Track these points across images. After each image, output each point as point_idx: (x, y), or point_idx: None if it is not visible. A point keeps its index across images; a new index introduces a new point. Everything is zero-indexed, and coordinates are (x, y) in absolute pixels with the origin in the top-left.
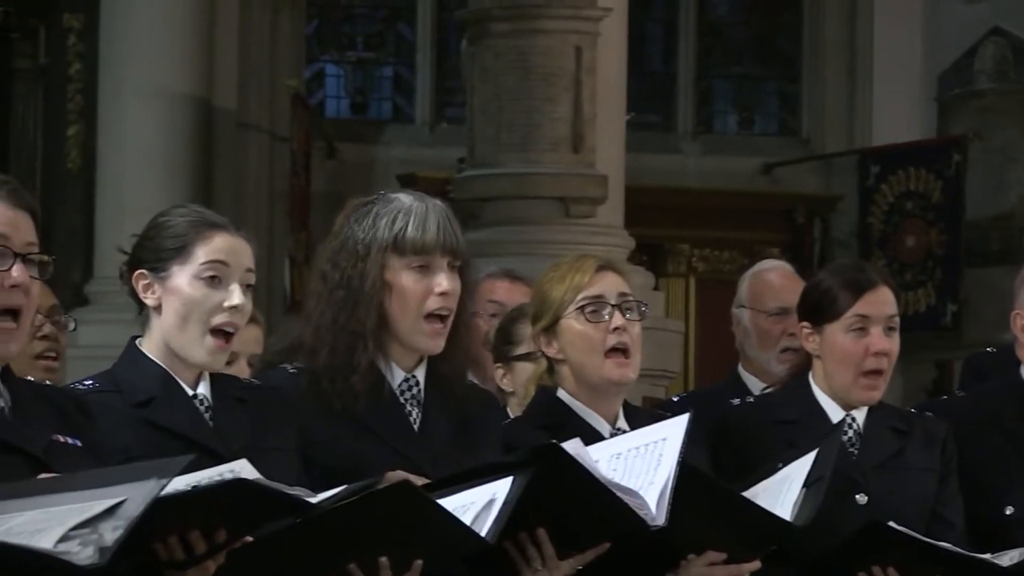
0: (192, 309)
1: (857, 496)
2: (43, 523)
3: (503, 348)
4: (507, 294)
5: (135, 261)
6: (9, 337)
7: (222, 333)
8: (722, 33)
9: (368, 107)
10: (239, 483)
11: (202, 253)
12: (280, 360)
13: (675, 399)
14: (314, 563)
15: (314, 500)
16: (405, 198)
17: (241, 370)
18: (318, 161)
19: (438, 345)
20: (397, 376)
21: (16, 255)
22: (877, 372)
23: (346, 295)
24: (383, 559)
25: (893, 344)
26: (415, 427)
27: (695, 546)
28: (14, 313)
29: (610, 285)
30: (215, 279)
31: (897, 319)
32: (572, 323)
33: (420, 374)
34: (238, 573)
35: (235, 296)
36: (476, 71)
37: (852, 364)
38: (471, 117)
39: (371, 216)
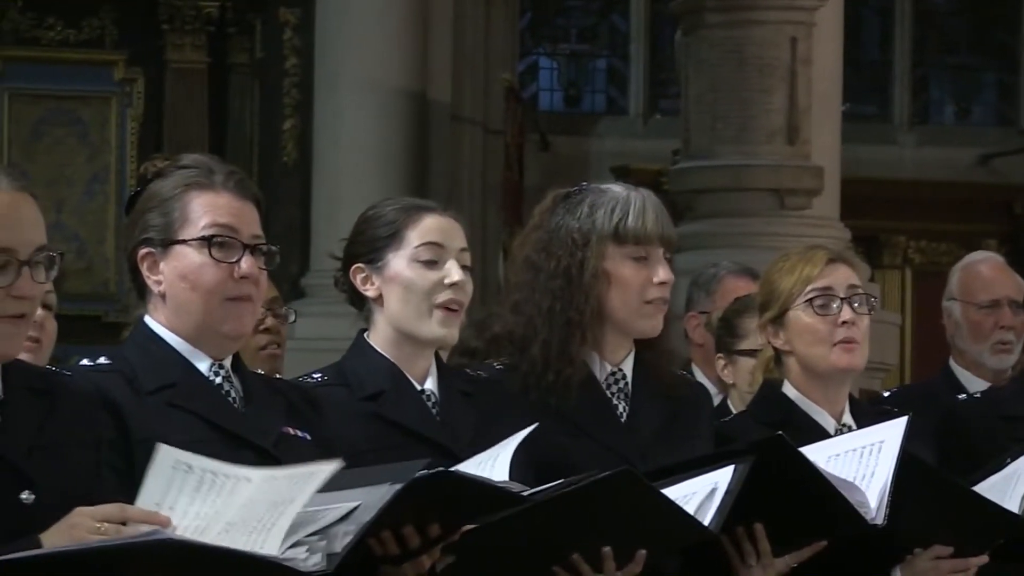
0: (414, 291)
1: None
2: (268, 508)
3: (726, 340)
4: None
5: (350, 257)
6: (241, 312)
7: (447, 309)
8: (938, 22)
9: (581, 100)
10: (448, 476)
11: (415, 236)
12: (482, 353)
13: (886, 395)
14: (538, 553)
15: (527, 493)
16: (618, 188)
17: None
18: (531, 154)
19: (657, 327)
20: (604, 370)
21: (245, 246)
22: None
23: (562, 284)
24: (606, 549)
25: None
26: (622, 421)
27: (921, 541)
28: (245, 300)
29: (840, 277)
30: (431, 260)
31: None
32: (800, 315)
33: (627, 367)
34: (463, 562)
35: (454, 273)
36: (690, 62)
37: None
38: (685, 109)
39: (585, 205)
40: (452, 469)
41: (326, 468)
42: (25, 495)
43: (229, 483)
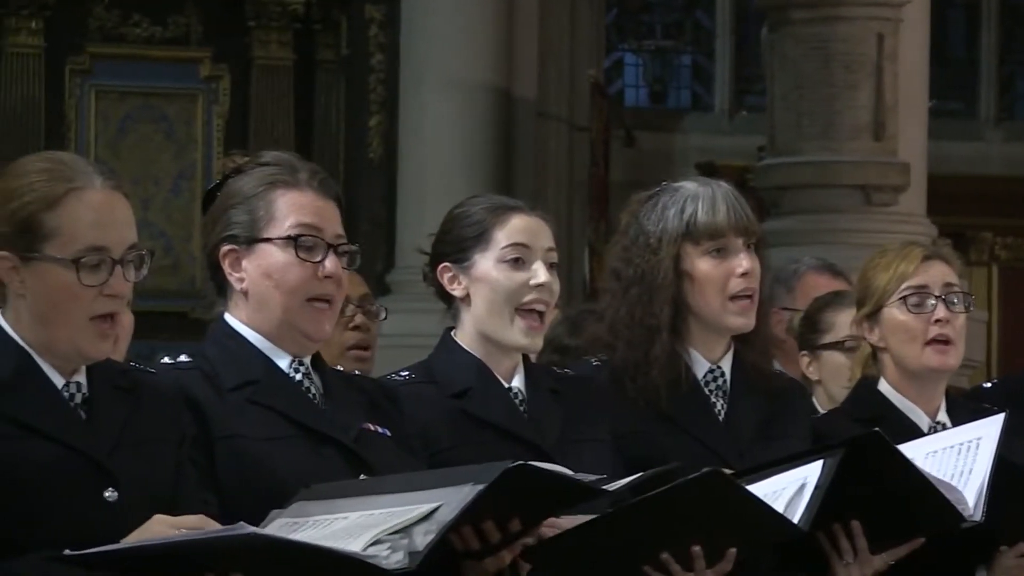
0: (500, 293)
1: None
2: (362, 528)
3: (810, 336)
4: (830, 290)
5: (437, 256)
6: (323, 317)
7: (534, 313)
8: None
9: (667, 96)
10: (526, 470)
11: (502, 236)
12: (576, 350)
13: (987, 385)
14: (627, 553)
15: (610, 488)
16: (690, 185)
17: None
18: (617, 150)
19: (750, 322)
20: (701, 367)
21: (329, 246)
22: None
23: (640, 290)
24: (696, 548)
25: None
26: (720, 419)
27: (1007, 539)
28: (326, 302)
29: (936, 275)
30: (518, 261)
31: None
32: (895, 312)
33: (725, 365)
34: (552, 564)
35: (540, 274)
36: (776, 59)
37: None
38: (771, 105)
39: (659, 208)
40: (533, 463)
41: (424, 507)
42: (109, 493)
43: (324, 520)
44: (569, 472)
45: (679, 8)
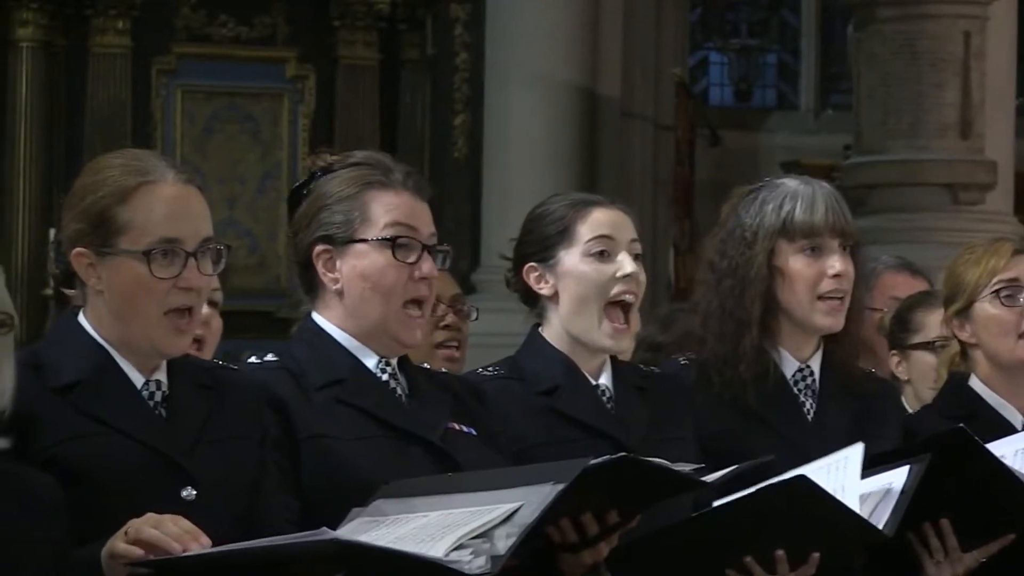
0: (588, 287)
1: None
2: (440, 528)
3: (899, 336)
4: (908, 289)
5: (522, 257)
6: (416, 324)
7: (620, 312)
8: None
9: (752, 94)
10: (627, 461)
11: (585, 230)
12: (668, 348)
13: None
14: (710, 557)
15: (708, 479)
16: (791, 182)
17: None
18: (701, 149)
19: (837, 323)
20: (790, 366)
21: (423, 247)
22: None
23: (733, 283)
24: (779, 552)
25: None
26: (809, 418)
27: None
28: (420, 303)
29: None
30: (603, 253)
31: None
32: (986, 307)
33: (815, 364)
34: (636, 567)
35: (627, 264)
36: (862, 57)
37: None
38: (857, 104)
39: (758, 202)
40: (631, 455)
41: (502, 508)
42: (186, 492)
43: (403, 518)
44: (669, 463)
45: (764, 6)
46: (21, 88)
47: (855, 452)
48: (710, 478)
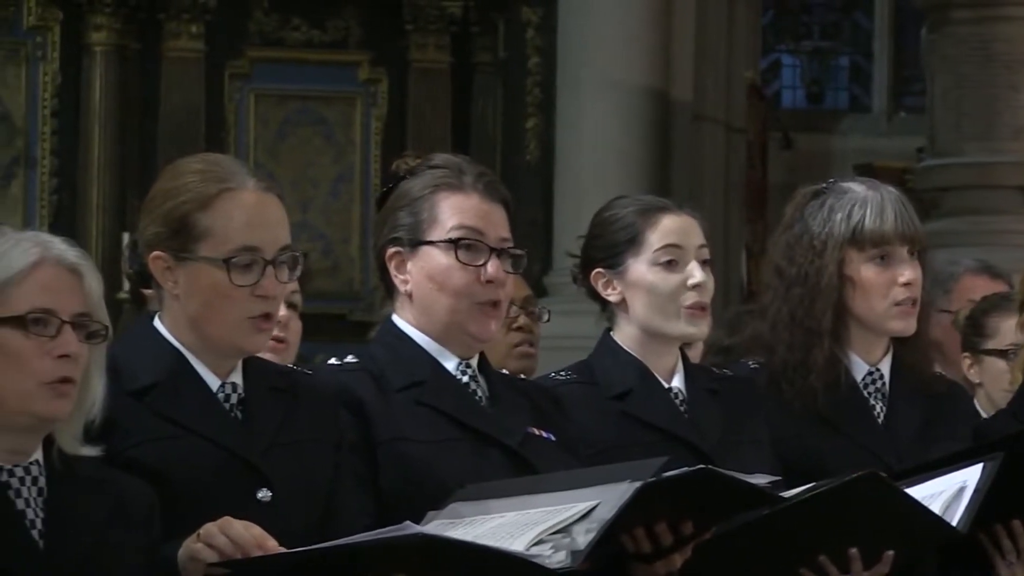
0: (657, 296)
1: None
2: (518, 527)
3: (973, 339)
4: (987, 292)
5: (589, 261)
6: (489, 316)
7: (695, 308)
8: None
9: (824, 97)
10: (706, 473)
11: (654, 238)
12: (736, 351)
13: None
14: (783, 555)
15: (786, 495)
16: (858, 188)
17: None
18: (774, 152)
19: (910, 327)
20: (860, 370)
21: (492, 250)
22: None
23: (803, 291)
24: (853, 550)
25: None
26: (880, 421)
27: None
28: (494, 305)
29: None
30: (672, 262)
31: None
32: None
33: (884, 367)
34: (707, 564)
35: (696, 273)
36: (936, 59)
37: None
38: (931, 106)
39: (825, 209)
40: (710, 467)
41: (579, 506)
42: (262, 493)
43: (479, 519)
44: (745, 476)
45: (837, 9)
46: (95, 92)
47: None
48: (787, 494)
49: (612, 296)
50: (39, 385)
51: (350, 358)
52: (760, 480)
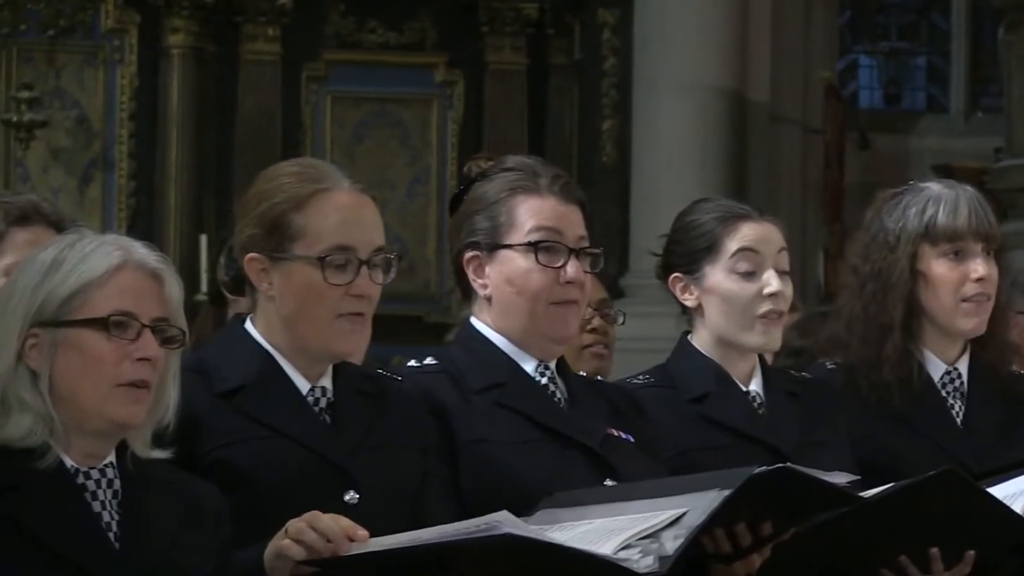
0: (733, 304)
1: None
2: (606, 532)
3: None
4: None
5: (668, 266)
6: (567, 314)
7: (771, 316)
8: None
9: (901, 97)
10: (787, 472)
11: (732, 246)
12: (808, 352)
13: None
14: (862, 554)
15: (866, 495)
16: (934, 186)
17: None
18: (851, 152)
19: (980, 326)
20: (937, 369)
21: (570, 250)
22: None
23: (876, 287)
24: (934, 550)
25: None
26: (958, 421)
27: None
28: (573, 305)
29: None
30: (749, 271)
31: None
32: None
33: (962, 366)
34: (785, 563)
35: (773, 282)
36: (1013, 59)
37: None
38: (1008, 106)
39: (901, 207)
40: (790, 466)
41: (668, 513)
42: (350, 496)
43: (569, 524)
44: (825, 476)
45: (914, 9)
46: (172, 94)
47: None
48: (867, 494)
49: (689, 301)
50: (116, 387)
51: (429, 360)
52: (839, 479)
